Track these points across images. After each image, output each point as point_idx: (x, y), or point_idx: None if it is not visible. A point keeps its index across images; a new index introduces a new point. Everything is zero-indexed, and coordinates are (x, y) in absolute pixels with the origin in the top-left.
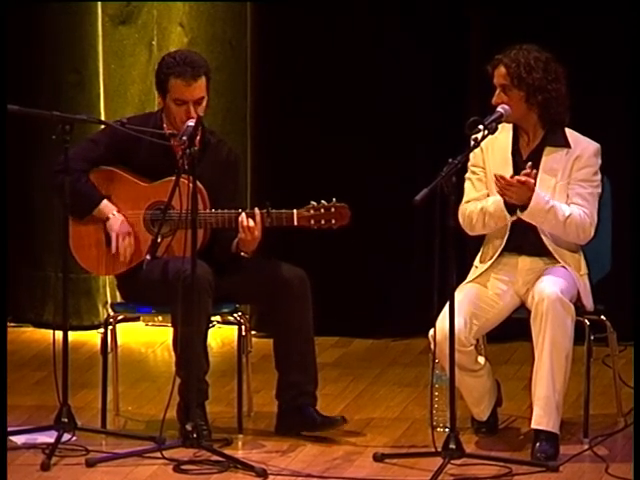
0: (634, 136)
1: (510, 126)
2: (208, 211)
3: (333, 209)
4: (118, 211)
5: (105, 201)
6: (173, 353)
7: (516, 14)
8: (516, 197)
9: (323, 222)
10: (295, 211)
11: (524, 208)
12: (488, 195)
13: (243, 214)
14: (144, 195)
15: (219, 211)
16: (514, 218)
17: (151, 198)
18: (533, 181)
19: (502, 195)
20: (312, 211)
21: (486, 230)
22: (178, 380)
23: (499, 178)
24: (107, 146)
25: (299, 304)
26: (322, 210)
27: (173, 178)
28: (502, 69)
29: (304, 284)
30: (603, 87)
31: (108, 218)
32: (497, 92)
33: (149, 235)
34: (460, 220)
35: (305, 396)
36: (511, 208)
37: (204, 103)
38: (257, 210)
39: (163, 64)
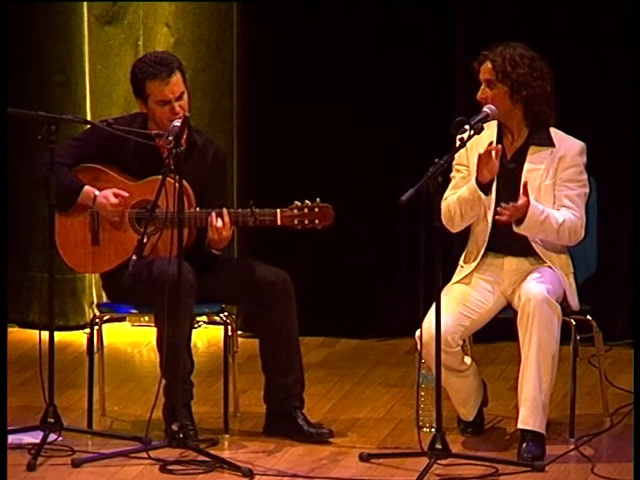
0: (621, 136)
1: (495, 125)
2: (192, 210)
3: (317, 209)
4: (92, 213)
5: (86, 187)
6: (157, 353)
7: (503, 13)
8: (514, 218)
9: (307, 222)
10: (279, 211)
11: (519, 222)
12: None
13: (213, 214)
14: (130, 193)
15: (191, 210)
16: (490, 197)
17: (136, 197)
18: (526, 199)
19: (501, 222)
20: (296, 211)
21: (465, 220)
22: (163, 381)
23: (503, 211)
24: (93, 145)
25: (283, 306)
26: (306, 210)
27: (159, 177)
28: (488, 64)
29: (288, 286)
30: (589, 85)
31: (95, 200)
32: (482, 87)
33: (134, 233)
34: (442, 217)
35: (292, 399)
36: (484, 188)
37: (185, 97)
38: (225, 210)
39: (136, 70)
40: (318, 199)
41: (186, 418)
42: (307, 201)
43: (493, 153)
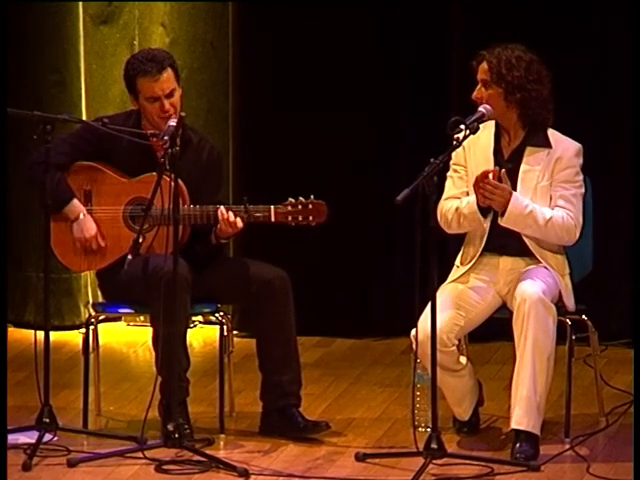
0: (617, 135)
1: (492, 125)
2: (186, 207)
3: (310, 206)
4: (88, 211)
5: (75, 200)
6: (153, 351)
7: (499, 13)
8: (497, 202)
9: (300, 219)
10: (272, 207)
11: (504, 214)
12: (468, 194)
13: (222, 208)
14: (124, 191)
15: (197, 207)
16: (488, 221)
17: (131, 194)
18: (508, 186)
19: (484, 201)
20: (289, 207)
21: (462, 230)
22: (159, 379)
23: (486, 183)
24: (87, 142)
25: (280, 305)
26: (299, 207)
27: (154, 174)
28: (484, 65)
29: (285, 284)
30: (586, 85)
31: (77, 218)
32: (478, 87)
33: (128, 231)
34: (438, 217)
35: (289, 397)
36: (484, 210)
37: (177, 95)
38: (234, 207)
39: (128, 67)
40: (312, 196)
41: (181, 416)
42: (301, 198)
43: (490, 175)
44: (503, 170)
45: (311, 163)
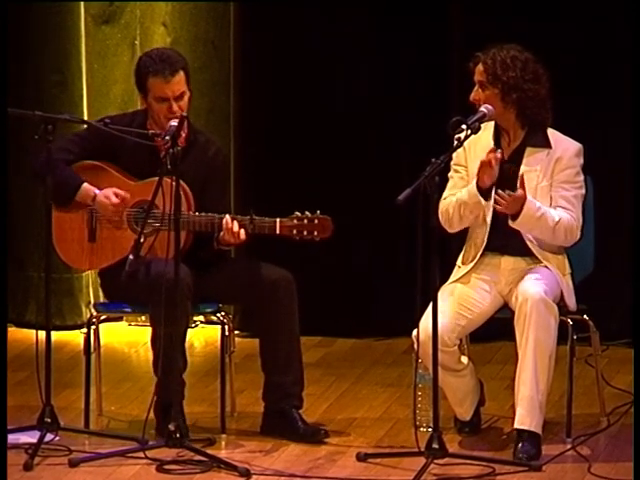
0: (618, 135)
1: (492, 125)
2: (191, 214)
3: (316, 221)
4: (92, 211)
5: (85, 184)
6: (151, 351)
7: (499, 13)
8: (510, 208)
9: (305, 233)
10: (278, 220)
11: (515, 217)
12: None
13: (227, 217)
14: (129, 193)
15: (202, 214)
16: (490, 202)
17: (136, 197)
18: (523, 193)
19: (499, 212)
20: (295, 221)
21: (463, 223)
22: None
23: (502, 196)
24: (92, 142)
25: (285, 305)
26: (305, 221)
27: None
28: (480, 66)
29: (290, 285)
30: (586, 85)
31: (94, 198)
32: (475, 88)
33: (131, 233)
34: (439, 217)
35: (290, 398)
36: (485, 193)
37: (186, 98)
38: (239, 217)
39: (141, 64)
40: (318, 211)
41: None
42: (307, 212)
43: (493, 161)
44: (521, 173)
45: (312, 163)
